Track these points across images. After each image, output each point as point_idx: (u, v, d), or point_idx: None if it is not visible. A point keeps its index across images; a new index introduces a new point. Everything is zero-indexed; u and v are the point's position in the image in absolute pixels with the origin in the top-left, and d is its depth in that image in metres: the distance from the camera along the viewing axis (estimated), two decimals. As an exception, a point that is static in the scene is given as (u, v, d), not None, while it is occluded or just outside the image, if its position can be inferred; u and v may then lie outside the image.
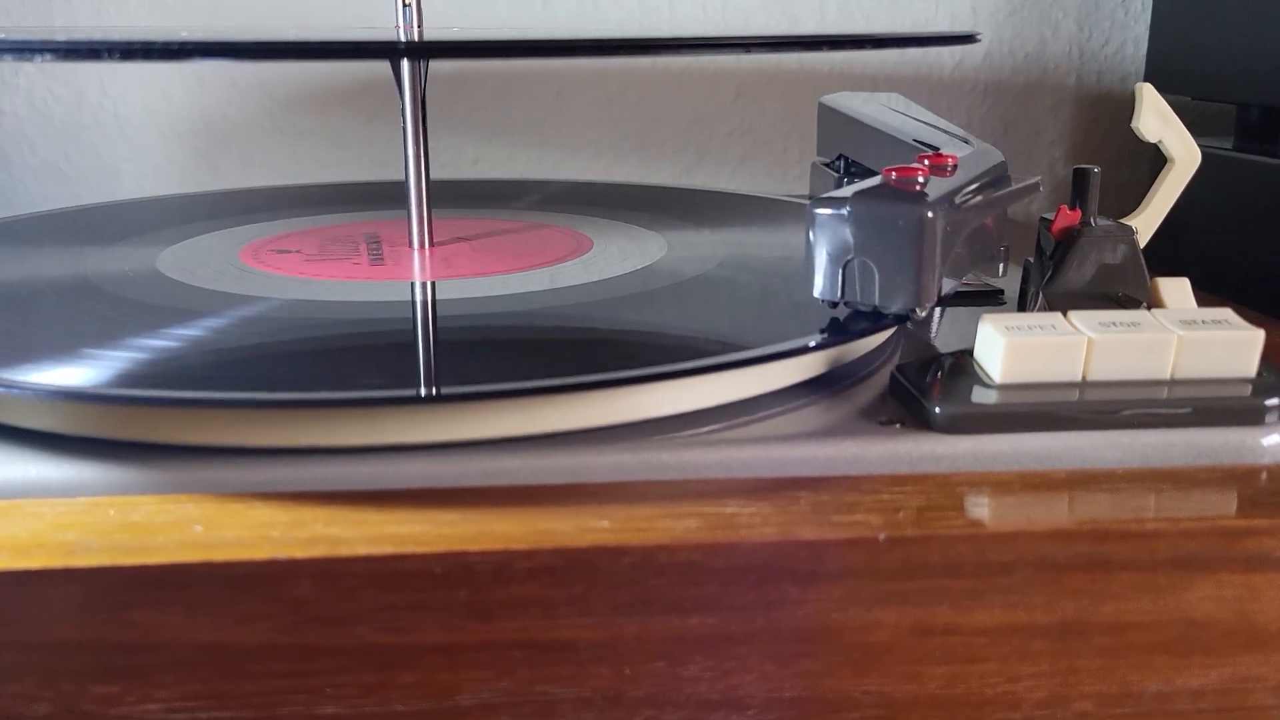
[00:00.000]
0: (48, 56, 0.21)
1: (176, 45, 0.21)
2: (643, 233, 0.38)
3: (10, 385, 0.22)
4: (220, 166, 0.62)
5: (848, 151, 0.42)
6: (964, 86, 0.66)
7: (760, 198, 0.47)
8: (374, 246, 0.34)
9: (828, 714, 0.21)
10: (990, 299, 0.36)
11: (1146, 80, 0.59)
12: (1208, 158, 0.53)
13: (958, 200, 0.26)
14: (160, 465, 0.22)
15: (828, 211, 0.25)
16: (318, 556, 0.20)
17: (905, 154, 0.36)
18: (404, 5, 0.32)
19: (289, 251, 0.34)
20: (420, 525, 0.21)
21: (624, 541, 0.20)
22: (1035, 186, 0.30)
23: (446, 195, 0.45)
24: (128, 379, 0.23)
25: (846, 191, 0.26)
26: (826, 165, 0.45)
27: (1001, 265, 0.32)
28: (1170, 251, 0.54)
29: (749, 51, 0.25)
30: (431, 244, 0.34)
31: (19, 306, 0.28)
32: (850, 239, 0.25)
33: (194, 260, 0.33)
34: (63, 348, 0.25)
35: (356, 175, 0.62)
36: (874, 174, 0.29)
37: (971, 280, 0.36)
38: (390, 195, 0.45)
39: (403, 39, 0.24)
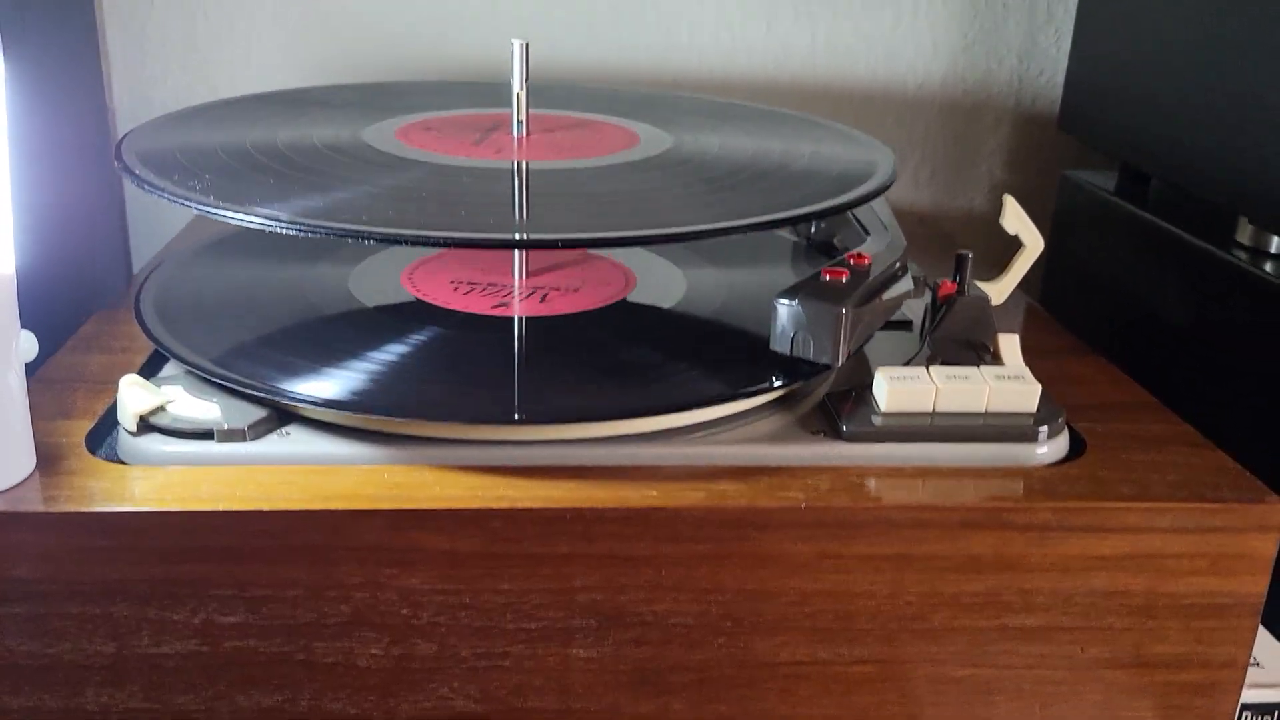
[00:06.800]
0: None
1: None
2: (672, 270, 0.54)
3: (327, 403, 0.40)
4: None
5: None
6: (924, 104, 0.82)
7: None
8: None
9: (770, 599, 0.39)
10: (903, 326, 0.53)
11: (1059, 123, 0.76)
12: (1094, 196, 0.71)
13: (865, 296, 0.43)
14: (410, 448, 0.40)
15: (785, 302, 0.42)
16: (502, 507, 0.38)
17: (853, 236, 0.53)
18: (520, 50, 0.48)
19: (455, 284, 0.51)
20: (557, 491, 0.39)
21: (663, 504, 0.38)
22: (911, 291, 0.47)
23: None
24: (386, 394, 0.40)
25: (796, 289, 0.42)
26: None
27: (929, 291, 0.49)
28: (1059, 262, 0.72)
29: (727, 234, 0.41)
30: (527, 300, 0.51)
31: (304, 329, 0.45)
32: (798, 319, 0.42)
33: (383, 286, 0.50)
34: (342, 368, 0.42)
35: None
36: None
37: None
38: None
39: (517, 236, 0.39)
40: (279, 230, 0.38)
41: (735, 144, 0.53)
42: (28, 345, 0.38)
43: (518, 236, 0.38)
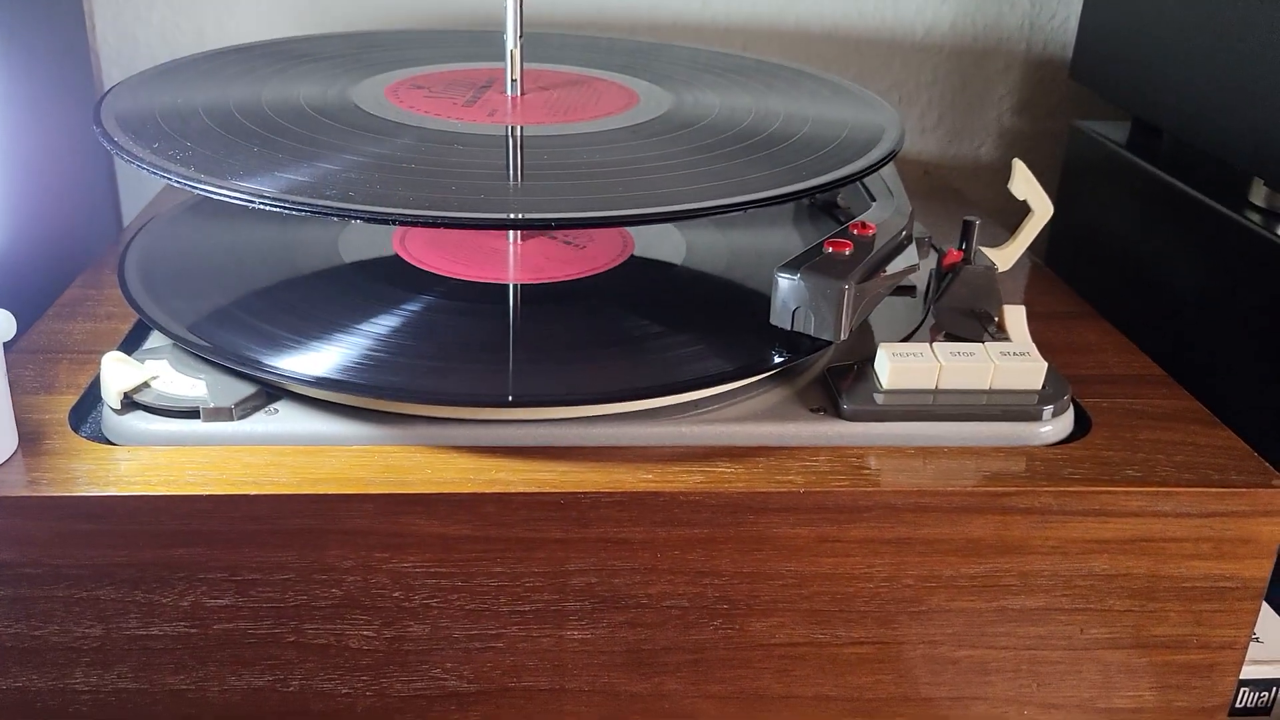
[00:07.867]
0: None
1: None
2: (671, 231, 0.53)
3: (316, 382, 0.39)
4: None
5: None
6: (932, 50, 0.79)
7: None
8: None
9: (767, 581, 0.39)
10: (907, 292, 0.52)
11: (1070, 71, 0.74)
12: (1104, 149, 0.69)
13: (870, 270, 0.42)
14: (401, 426, 0.39)
15: (786, 275, 0.41)
16: (494, 492, 0.37)
17: (856, 196, 0.52)
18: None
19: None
20: (550, 474, 0.38)
21: (660, 488, 0.37)
22: (917, 265, 0.46)
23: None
24: (377, 372, 0.39)
25: (798, 262, 0.41)
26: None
27: (934, 253, 0.48)
28: (1066, 215, 0.70)
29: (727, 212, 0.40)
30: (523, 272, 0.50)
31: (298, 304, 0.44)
32: (800, 293, 0.41)
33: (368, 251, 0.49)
34: (331, 343, 0.41)
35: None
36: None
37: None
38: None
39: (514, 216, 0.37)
40: (262, 207, 0.36)
41: (737, 103, 0.51)
42: (5, 325, 0.36)
43: (512, 216, 0.36)
